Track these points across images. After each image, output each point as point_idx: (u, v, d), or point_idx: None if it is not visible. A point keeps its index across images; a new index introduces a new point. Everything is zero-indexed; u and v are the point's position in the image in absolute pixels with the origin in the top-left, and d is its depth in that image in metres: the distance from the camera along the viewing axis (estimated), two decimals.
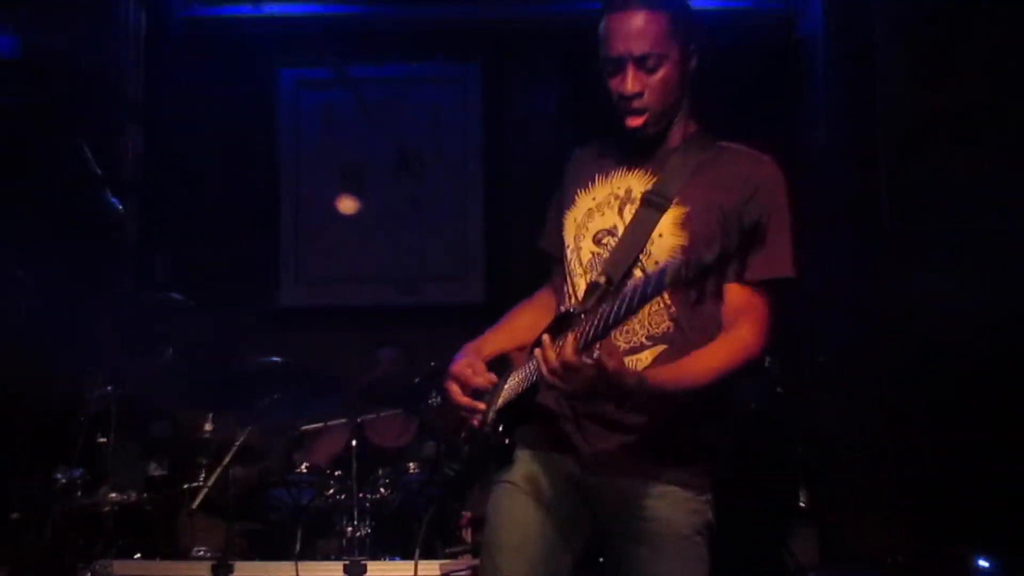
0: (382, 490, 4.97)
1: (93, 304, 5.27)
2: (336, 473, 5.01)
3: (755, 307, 2.82)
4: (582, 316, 2.66)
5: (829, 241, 5.17)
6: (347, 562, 4.71)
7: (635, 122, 2.89)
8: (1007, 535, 4.49)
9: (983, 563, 4.39)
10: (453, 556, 4.92)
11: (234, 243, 6.65)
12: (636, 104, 2.85)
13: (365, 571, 4.70)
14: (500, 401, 2.97)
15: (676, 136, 3.00)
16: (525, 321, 3.25)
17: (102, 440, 4.89)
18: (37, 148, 6.02)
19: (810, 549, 5.04)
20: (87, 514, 4.89)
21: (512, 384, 2.97)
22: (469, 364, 3.02)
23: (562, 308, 2.94)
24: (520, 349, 3.08)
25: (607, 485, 2.88)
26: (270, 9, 6.49)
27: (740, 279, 2.72)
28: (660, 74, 2.84)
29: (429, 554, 4.96)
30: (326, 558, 4.88)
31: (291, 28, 6.59)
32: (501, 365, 3.07)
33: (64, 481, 4.86)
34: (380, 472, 5.02)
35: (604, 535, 2.95)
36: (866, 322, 5.04)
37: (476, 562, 4.77)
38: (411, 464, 5.13)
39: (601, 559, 3.13)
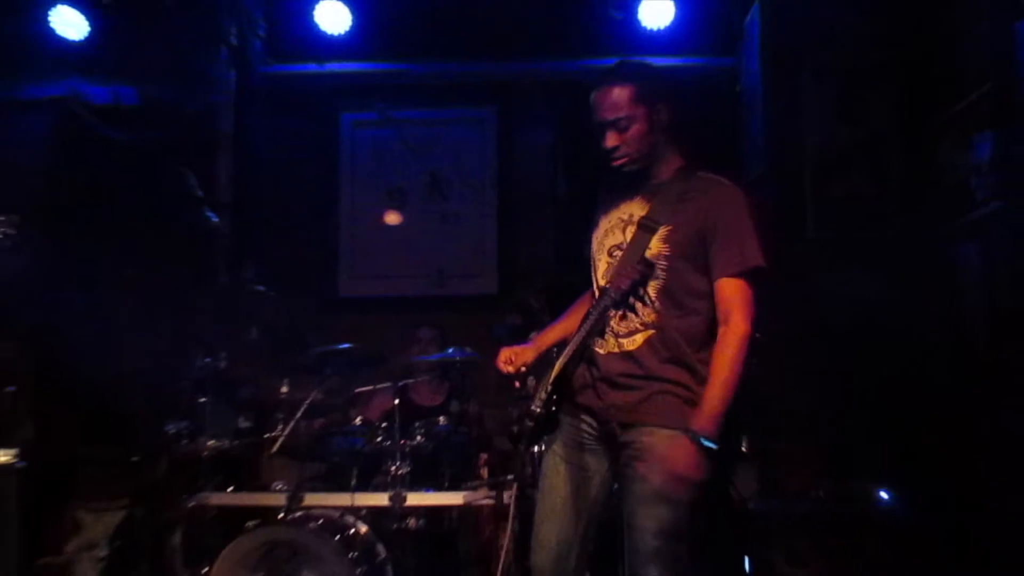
0: (419, 438, 4.94)
1: (195, 295, 5.24)
2: (383, 425, 4.98)
3: (739, 296, 2.99)
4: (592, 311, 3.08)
5: (763, 247, 5.18)
6: (391, 493, 4.69)
7: (618, 164, 3.13)
8: (901, 473, 4.46)
9: (883, 495, 4.35)
10: (472, 489, 4.90)
11: (304, 247, 6.65)
12: (616, 155, 3.11)
13: (405, 500, 4.69)
14: (554, 374, 3.14)
15: (665, 172, 3.17)
16: (577, 312, 3.41)
17: (202, 400, 4.87)
18: (152, 175, 6.00)
19: (750, 485, 5.01)
20: (191, 457, 4.87)
21: (560, 363, 3.16)
22: (511, 352, 3.36)
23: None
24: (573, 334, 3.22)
25: (614, 430, 3.06)
26: (331, 67, 6.45)
27: (723, 275, 3.00)
28: (631, 131, 3.07)
29: (453, 487, 4.94)
30: (375, 490, 4.86)
31: (348, 81, 6.57)
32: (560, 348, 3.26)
33: (173, 431, 4.86)
34: (417, 424, 4.98)
35: (615, 464, 3.10)
36: (794, 308, 5.02)
37: (492, 493, 4.75)
38: (441, 418, 5.08)
39: None
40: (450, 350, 5.13)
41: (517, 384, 3.41)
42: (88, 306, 6.04)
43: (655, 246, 3.05)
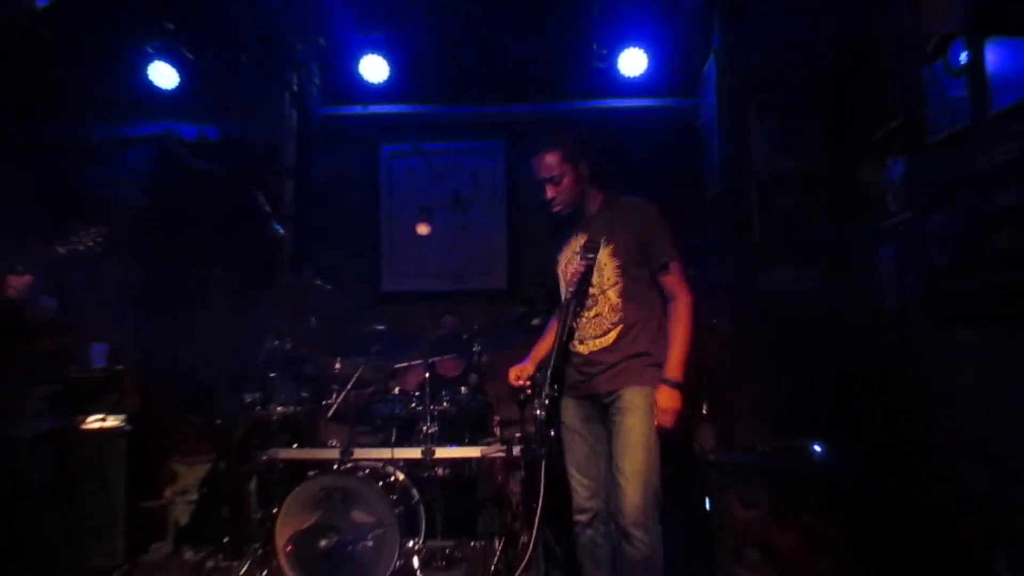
0: (445, 404, 4.92)
1: (265, 291, 5.22)
2: (416, 394, 4.96)
3: (675, 281, 3.28)
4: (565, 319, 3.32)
5: (720, 250, 5.17)
6: (423, 448, 4.68)
7: (556, 210, 3.38)
8: (831, 431, 4.42)
9: (817, 448, 4.32)
10: (488, 444, 4.87)
11: (352, 252, 6.63)
12: (554, 203, 3.35)
13: (434, 453, 4.69)
14: (549, 374, 3.33)
15: (593, 206, 3.40)
16: (553, 330, 3.53)
17: (272, 375, 4.86)
18: (231, 196, 5.98)
19: (709, 440, 4.99)
20: (263, 421, 4.87)
21: (553, 365, 3.33)
22: (516, 371, 3.55)
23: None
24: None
25: (603, 398, 3.28)
26: (373, 108, 6.47)
27: (658, 271, 3.27)
28: (564, 183, 3.30)
29: (473, 443, 4.92)
30: (410, 445, 4.84)
31: (386, 120, 6.56)
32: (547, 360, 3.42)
33: (249, 400, 4.85)
34: (443, 393, 4.96)
35: (607, 424, 3.29)
36: (744, 298, 5.02)
37: (503, 448, 4.73)
38: (463, 388, 5.07)
39: None
40: (475, 347, 5.12)
41: (529, 391, 3.52)
42: (180, 301, 6.04)
43: (606, 261, 3.27)
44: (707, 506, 4.34)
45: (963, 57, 3.52)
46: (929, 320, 3.90)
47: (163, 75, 5.76)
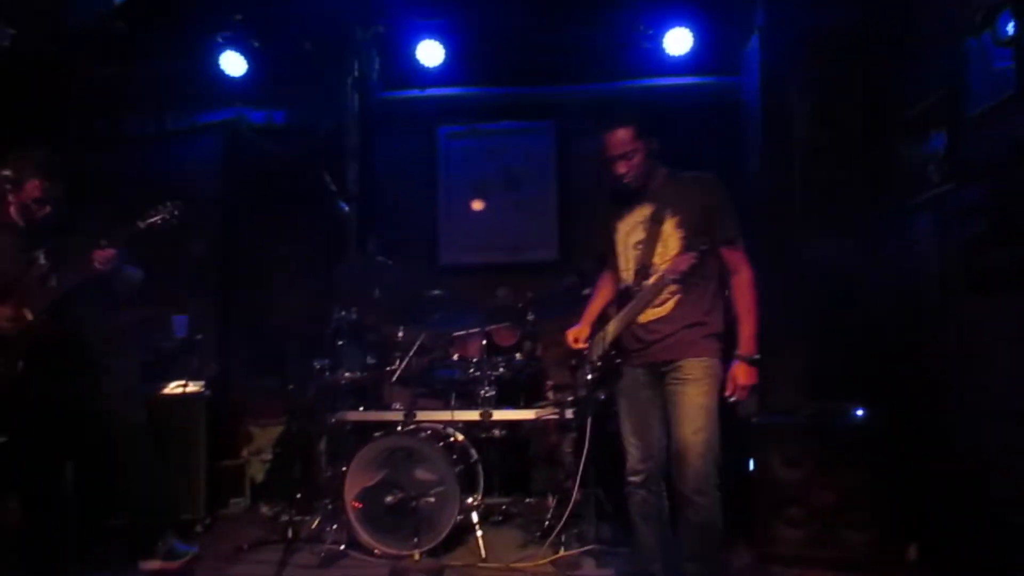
0: (501, 369, 4.97)
1: (333, 265, 5.30)
2: (474, 360, 5.01)
3: (739, 255, 3.25)
4: (637, 289, 3.25)
5: (761, 223, 5.13)
6: (481, 410, 4.73)
7: (628, 183, 3.29)
8: (870, 394, 4.38)
9: (859, 412, 4.29)
10: (541, 407, 4.92)
11: (412, 228, 6.67)
12: (625, 179, 3.27)
13: (491, 415, 4.75)
14: (610, 339, 3.37)
15: (659, 180, 3.34)
16: (603, 294, 3.62)
17: (340, 343, 4.93)
18: (298, 177, 6.06)
19: (752, 404, 4.97)
20: (332, 385, 4.94)
21: (614, 329, 3.37)
22: (574, 333, 3.53)
23: (624, 286, 3.36)
24: (607, 306, 3.53)
25: (660, 366, 3.25)
26: (430, 91, 6.45)
27: (722, 245, 3.21)
28: (635, 160, 3.24)
29: (527, 406, 4.97)
30: (469, 408, 4.90)
31: (444, 102, 6.54)
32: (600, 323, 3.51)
33: (319, 366, 4.92)
34: (499, 359, 5.01)
35: (663, 388, 3.25)
36: (787, 268, 4.98)
37: (556, 411, 4.78)
38: (518, 354, 5.11)
39: None
40: (529, 316, 5.16)
41: (586, 351, 3.50)
42: (254, 275, 6.17)
43: (671, 232, 3.21)
44: (749, 466, 4.35)
45: (1010, 28, 3.43)
46: (966, 288, 3.85)
47: (232, 64, 5.85)
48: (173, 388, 5.19)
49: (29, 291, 3.56)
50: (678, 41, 5.66)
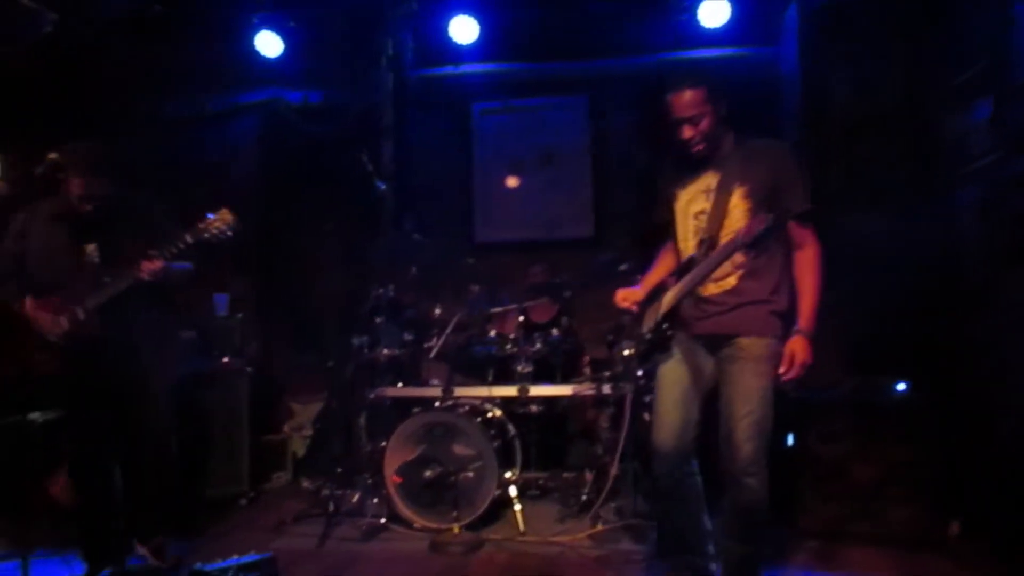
0: (538, 345, 4.96)
1: (370, 243, 5.31)
2: (511, 336, 5.01)
3: (807, 231, 3.04)
4: (699, 258, 3.05)
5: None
6: (519, 386, 4.74)
7: (695, 150, 3.07)
8: (912, 369, 4.32)
9: (900, 386, 4.23)
10: (578, 383, 4.91)
11: (448, 206, 6.68)
12: (692, 143, 3.05)
13: (528, 391, 4.76)
14: (664, 309, 3.18)
15: (726, 147, 3.11)
16: (664, 263, 3.40)
17: (378, 320, 4.95)
18: (335, 156, 6.08)
19: (785, 381, 4.93)
20: (371, 362, 4.97)
21: (669, 299, 3.17)
22: (624, 293, 3.34)
23: (687, 256, 3.14)
24: (667, 277, 3.29)
25: (721, 340, 3.08)
26: (464, 68, 6.41)
27: (792, 218, 2.97)
28: (703, 124, 3.02)
29: (564, 381, 4.96)
30: (506, 384, 4.90)
31: (478, 79, 6.48)
32: (656, 292, 3.29)
33: (357, 344, 4.94)
34: (536, 335, 5.01)
35: (718, 363, 3.11)
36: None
37: (593, 386, 4.76)
38: (554, 330, 5.09)
39: None
40: (565, 293, 5.12)
41: (635, 311, 3.33)
42: (293, 254, 6.21)
43: (737, 202, 3.02)
44: (788, 442, 4.31)
45: None
46: (1011, 261, 3.76)
47: (268, 44, 5.86)
48: (216, 365, 5.26)
49: (80, 286, 3.59)
50: (714, 12, 5.55)
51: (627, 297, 3.32)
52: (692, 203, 3.15)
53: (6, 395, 4.90)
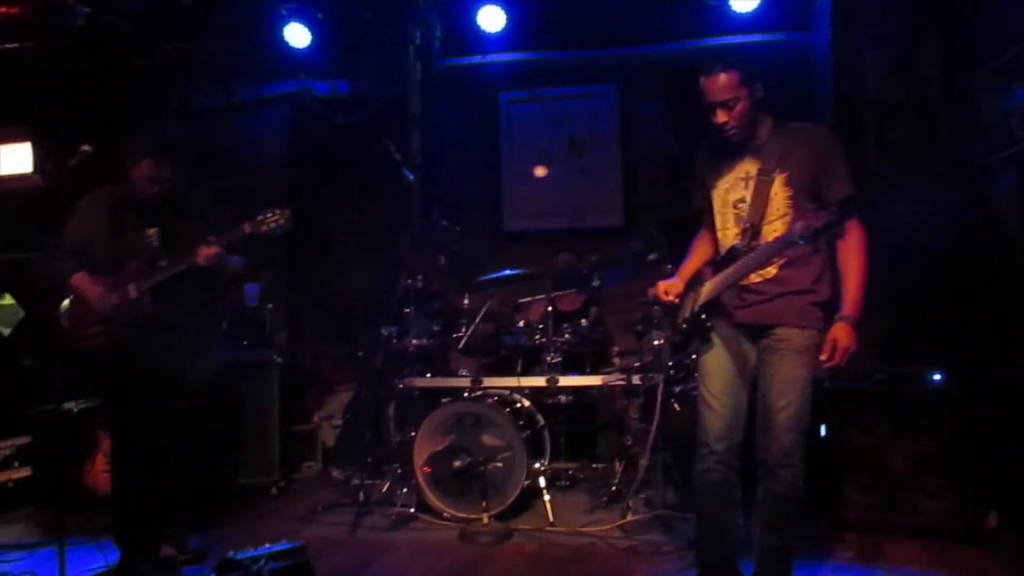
0: (566, 335, 4.95)
1: (398, 233, 5.31)
2: (539, 326, 5.00)
3: (851, 217, 2.88)
4: (742, 249, 2.97)
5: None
6: (547, 376, 4.73)
7: (728, 136, 2.98)
8: (948, 358, 4.24)
9: (935, 377, 4.16)
10: (607, 373, 4.89)
11: (476, 195, 6.65)
12: (726, 128, 2.96)
13: (557, 381, 4.74)
14: (703, 300, 3.09)
15: (763, 132, 3.01)
16: (701, 251, 3.30)
17: (406, 310, 4.95)
18: (362, 146, 6.09)
19: (823, 368, 4.87)
20: (399, 352, 4.98)
21: (709, 289, 3.09)
22: (666, 285, 3.20)
23: (728, 244, 3.06)
24: (704, 266, 3.18)
25: (759, 330, 3.02)
26: (491, 57, 6.37)
27: (833, 204, 2.82)
28: (737, 108, 2.92)
29: (593, 371, 4.94)
30: (535, 374, 4.89)
31: (505, 68, 6.43)
32: (694, 282, 3.19)
33: (386, 334, 4.96)
34: (564, 325, 4.99)
35: (758, 352, 3.04)
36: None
37: (622, 376, 4.74)
38: (583, 320, 5.07)
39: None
40: (594, 282, 5.10)
41: (676, 302, 3.20)
42: (323, 244, 6.24)
43: (778, 190, 2.95)
44: (821, 432, 4.26)
45: None
46: None
47: (296, 35, 5.87)
48: (246, 355, 5.30)
49: (138, 268, 3.73)
50: None
51: (669, 289, 3.21)
52: (731, 191, 3.07)
53: (43, 383, 5.01)
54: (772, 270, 2.98)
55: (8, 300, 5.88)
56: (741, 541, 3.15)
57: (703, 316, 3.11)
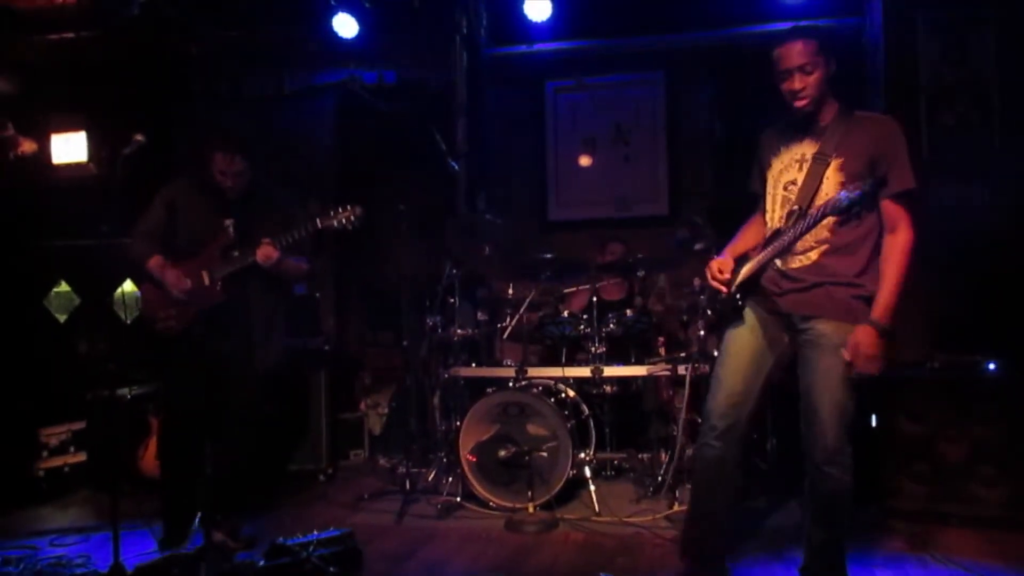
0: (611, 325, 4.92)
1: (444, 222, 5.33)
2: (584, 316, 4.98)
3: (902, 213, 2.83)
4: (785, 230, 2.93)
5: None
6: (592, 366, 4.72)
7: (800, 104, 2.91)
8: (1004, 347, 4.16)
9: (991, 366, 4.08)
10: (653, 363, 4.86)
11: (521, 184, 6.66)
12: (800, 94, 2.89)
13: (602, 372, 4.71)
14: (739, 279, 3.08)
15: (828, 115, 2.96)
16: (751, 233, 3.24)
17: (451, 300, 4.97)
18: (409, 135, 6.12)
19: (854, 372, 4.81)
20: (445, 341, 5.00)
21: (747, 269, 3.07)
22: (719, 264, 3.14)
23: (773, 227, 3.02)
24: (752, 249, 3.14)
25: (798, 321, 2.95)
26: (537, 46, 6.35)
27: (888, 196, 2.81)
28: (813, 76, 2.88)
29: (639, 362, 4.91)
30: (580, 364, 4.88)
31: (550, 57, 6.42)
32: (742, 259, 3.15)
33: (431, 323, 4.98)
34: (609, 315, 4.96)
35: (795, 345, 2.99)
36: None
37: (668, 366, 4.71)
38: (628, 310, 5.04)
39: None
40: (639, 271, 5.06)
41: (726, 290, 3.12)
42: (370, 232, 6.27)
43: (831, 175, 2.88)
44: (872, 422, 4.20)
45: None
46: None
47: (345, 25, 5.91)
48: (294, 344, 5.36)
49: (213, 256, 3.87)
50: None
51: (723, 267, 3.13)
52: (784, 172, 3.03)
53: (98, 369, 5.12)
54: (814, 255, 2.92)
55: (64, 287, 6.02)
56: (730, 529, 3.17)
57: (737, 296, 3.09)
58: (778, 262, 3.01)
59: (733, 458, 3.07)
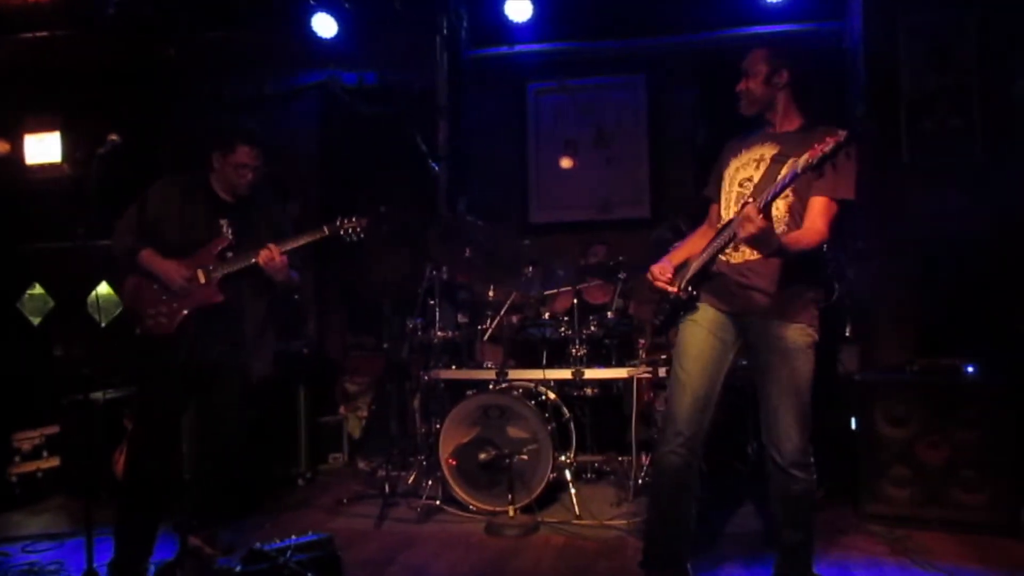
0: (592, 328, 4.91)
1: (424, 225, 5.30)
2: (566, 318, 4.97)
3: (828, 212, 2.86)
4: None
5: (868, 171, 4.94)
6: (573, 369, 4.70)
7: (741, 106, 3.08)
8: (979, 350, 4.20)
9: (971, 370, 4.10)
10: (634, 365, 4.85)
11: (502, 187, 6.62)
12: (742, 96, 3.08)
13: (583, 374, 4.71)
14: (690, 273, 3.08)
15: (790, 125, 3.04)
16: (694, 242, 3.25)
17: (432, 302, 4.94)
18: (389, 137, 6.10)
19: (853, 361, 4.84)
20: (425, 344, 4.97)
21: (696, 265, 3.07)
22: (657, 268, 3.14)
23: (726, 221, 3.01)
24: (694, 256, 3.13)
25: (754, 322, 2.99)
26: (519, 48, 6.35)
27: (819, 193, 2.86)
28: (752, 80, 3.02)
29: (620, 364, 4.91)
30: (561, 367, 4.87)
31: (532, 58, 6.42)
32: (683, 267, 3.16)
33: (411, 325, 4.95)
34: (591, 317, 4.96)
35: (750, 348, 3.03)
36: (890, 221, 4.79)
37: (649, 369, 4.71)
38: (609, 312, 5.03)
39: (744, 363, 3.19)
40: (620, 274, 5.04)
41: (667, 287, 3.11)
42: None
43: (786, 173, 2.79)
44: (852, 425, 4.21)
45: None
46: None
47: (324, 25, 5.89)
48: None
49: (209, 257, 3.74)
50: None
51: (662, 272, 3.13)
52: (741, 171, 3.07)
53: (73, 373, 5.04)
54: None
55: (38, 290, 5.94)
56: (691, 532, 3.14)
57: (690, 288, 3.09)
58: (733, 255, 3.02)
59: (696, 463, 3.09)
